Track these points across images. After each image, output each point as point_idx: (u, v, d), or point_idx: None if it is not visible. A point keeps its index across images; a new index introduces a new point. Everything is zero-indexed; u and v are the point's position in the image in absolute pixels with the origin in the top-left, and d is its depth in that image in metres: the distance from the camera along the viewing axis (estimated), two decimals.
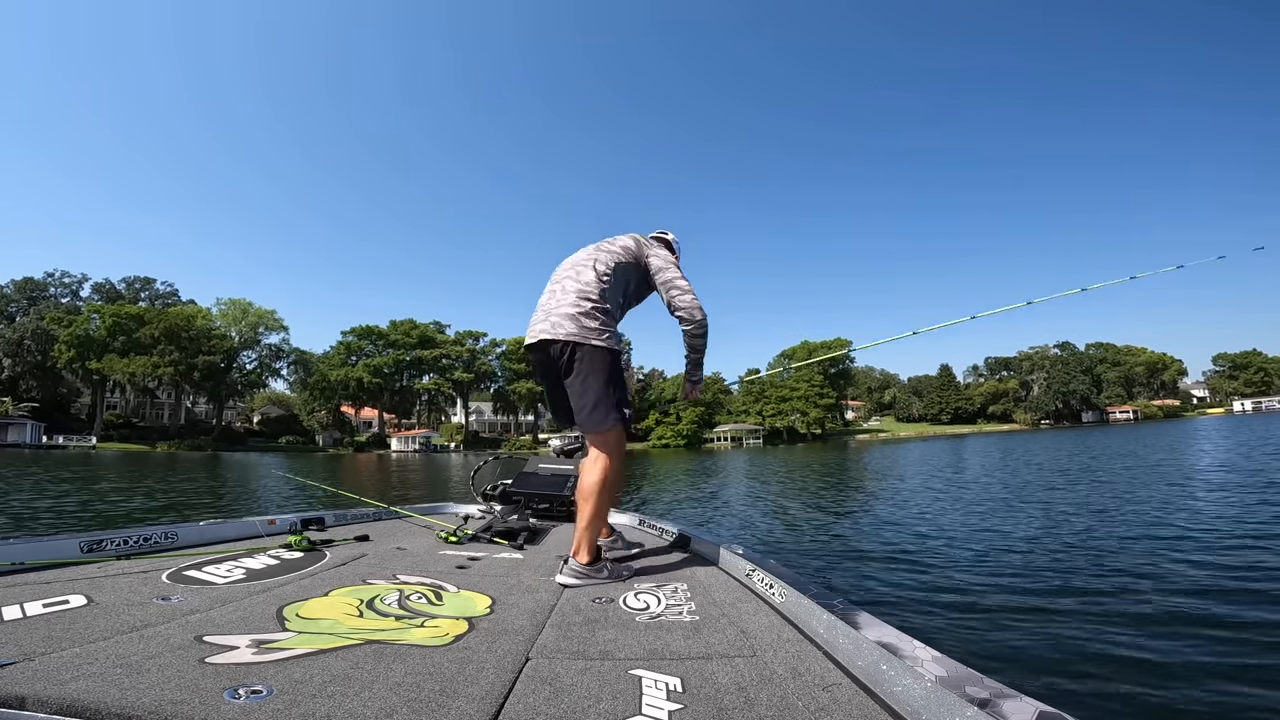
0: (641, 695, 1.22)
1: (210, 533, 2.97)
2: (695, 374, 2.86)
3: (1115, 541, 6.64)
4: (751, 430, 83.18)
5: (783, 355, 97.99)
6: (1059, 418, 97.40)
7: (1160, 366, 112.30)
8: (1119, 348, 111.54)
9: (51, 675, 1.18)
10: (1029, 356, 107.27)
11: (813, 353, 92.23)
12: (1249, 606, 4.14)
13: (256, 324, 74.13)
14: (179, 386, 71.63)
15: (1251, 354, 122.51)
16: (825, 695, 1.24)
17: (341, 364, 76.97)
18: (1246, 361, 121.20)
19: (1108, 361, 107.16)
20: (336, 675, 1.24)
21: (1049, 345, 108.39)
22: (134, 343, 65.76)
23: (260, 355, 76.49)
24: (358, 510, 3.90)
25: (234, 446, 65.27)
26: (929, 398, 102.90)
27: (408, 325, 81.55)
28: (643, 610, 1.89)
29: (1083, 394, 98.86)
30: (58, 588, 1.90)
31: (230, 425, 77.92)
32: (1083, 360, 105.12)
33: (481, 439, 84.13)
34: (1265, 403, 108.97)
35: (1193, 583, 4.77)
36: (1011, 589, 4.81)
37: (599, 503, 2.39)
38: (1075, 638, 3.70)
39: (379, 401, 79.62)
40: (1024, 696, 1.02)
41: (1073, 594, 4.61)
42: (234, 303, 73.97)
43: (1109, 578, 5.02)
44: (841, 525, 8.36)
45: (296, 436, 75.27)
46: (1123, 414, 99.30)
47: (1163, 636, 3.68)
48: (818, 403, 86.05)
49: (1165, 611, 4.11)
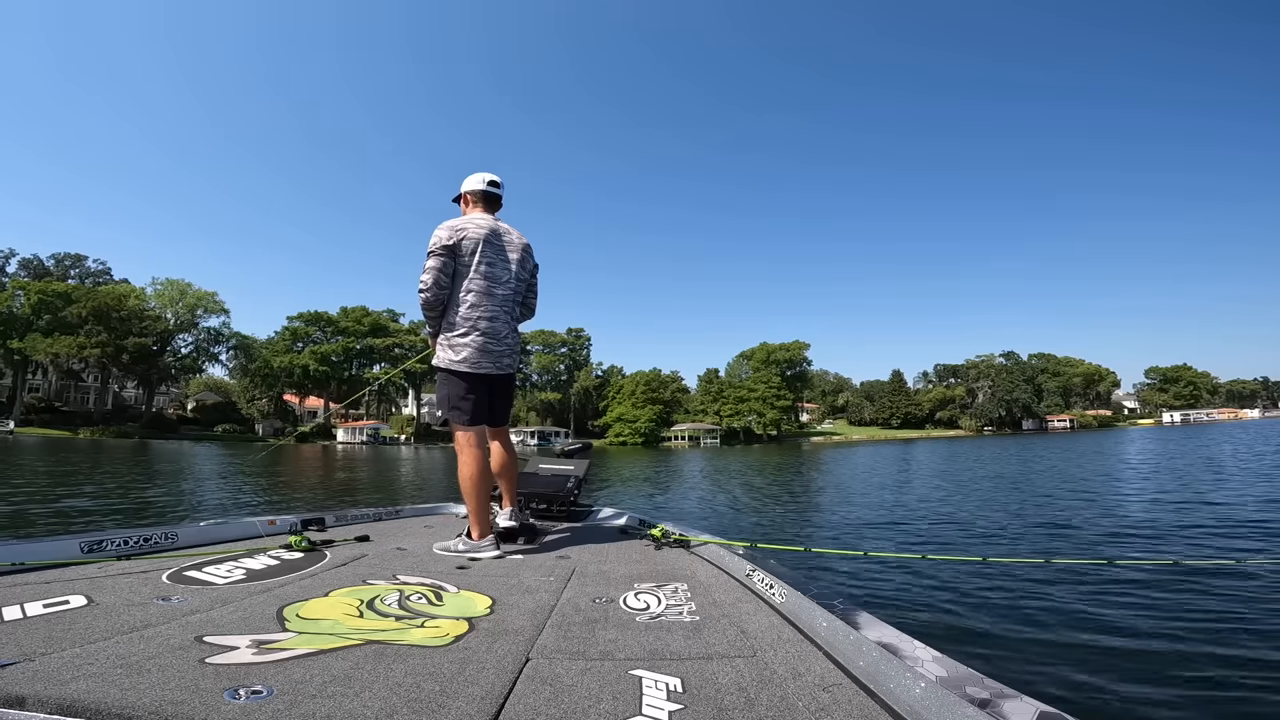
0: (642, 695, 1.21)
1: (210, 533, 2.96)
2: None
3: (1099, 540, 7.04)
4: (709, 430, 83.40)
5: (742, 356, 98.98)
6: (1001, 425, 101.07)
7: (1097, 378, 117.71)
8: (1059, 358, 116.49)
9: (51, 675, 1.18)
10: (975, 365, 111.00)
11: (771, 354, 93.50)
12: (1248, 606, 4.21)
13: (195, 306, 70.61)
14: (106, 369, 67.71)
15: (1182, 368, 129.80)
16: (825, 695, 1.24)
17: (286, 350, 74.14)
18: (1177, 375, 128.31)
19: (1048, 372, 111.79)
20: (337, 675, 1.25)
21: (995, 354, 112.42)
22: (60, 322, 62.18)
23: (198, 339, 73.00)
24: (358, 510, 3.89)
25: (165, 434, 62.10)
26: (880, 402, 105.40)
27: (359, 312, 79.07)
28: (643, 610, 1.88)
29: (1024, 403, 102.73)
30: (58, 588, 1.90)
31: (161, 412, 74.16)
32: (1025, 370, 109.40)
33: (434, 432, 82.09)
34: (1193, 415, 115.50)
35: (1192, 583, 4.81)
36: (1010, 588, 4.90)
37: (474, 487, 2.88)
38: (1075, 637, 3.71)
39: (325, 391, 76.84)
40: (1024, 696, 1.02)
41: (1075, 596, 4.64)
42: (171, 283, 70.28)
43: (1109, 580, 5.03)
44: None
45: (234, 425, 71.91)
46: (1060, 423, 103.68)
47: (1163, 636, 3.71)
48: (775, 404, 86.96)
49: (1165, 611, 4.16)
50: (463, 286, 2.89)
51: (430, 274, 2.85)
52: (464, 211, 3.13)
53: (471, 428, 2.92)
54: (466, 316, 2.90)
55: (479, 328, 2.91)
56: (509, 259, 3.02)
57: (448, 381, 2.93)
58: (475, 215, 3.04)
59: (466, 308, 2.89)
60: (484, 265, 2.91)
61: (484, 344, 2.91)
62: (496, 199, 3.14)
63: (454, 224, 2.93)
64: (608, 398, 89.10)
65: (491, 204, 3.13)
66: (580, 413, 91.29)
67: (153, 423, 65.66)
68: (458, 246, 2.88)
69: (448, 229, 2.89)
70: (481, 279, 2.91)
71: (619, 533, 3.43)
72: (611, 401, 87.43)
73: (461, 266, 2.89)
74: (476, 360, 2.90)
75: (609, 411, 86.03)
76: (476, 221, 2.97)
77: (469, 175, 3.15)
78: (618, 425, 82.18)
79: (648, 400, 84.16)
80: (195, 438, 61.85)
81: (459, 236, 2.88)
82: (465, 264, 2.89)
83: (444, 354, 2.92)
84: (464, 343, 2.89)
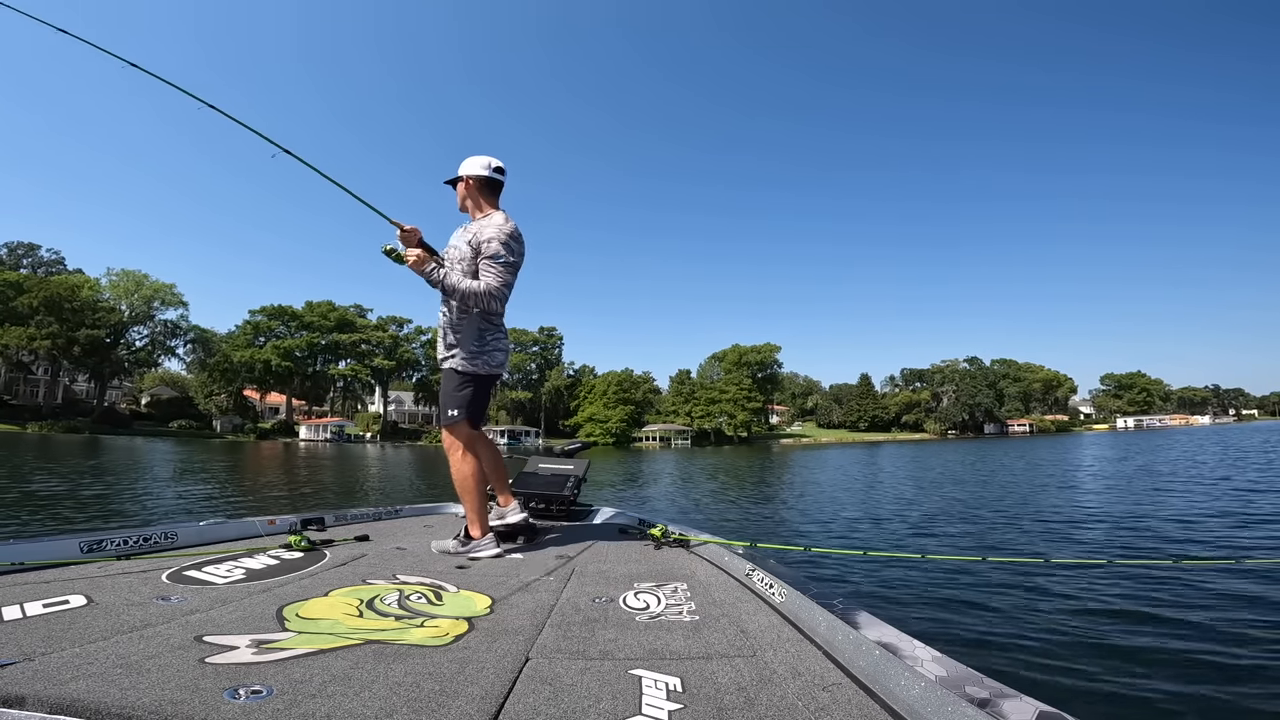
0: (641, 695, 1.22)
1: (210, 533, 2.96)
2: (433, 276, 2.81)
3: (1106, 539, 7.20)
4: (680, 431, 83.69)
5: (714, 358, 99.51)
6: (964, 429, 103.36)
7: (1055, 384, 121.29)
8: (1020, 364, 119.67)
9: (51, 675, 1.19)
10: (941, 369, 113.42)
11: (743, 356, 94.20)
12: (1248, 606, 4.25)
13: (151, 298, 68.41)
14: (56, 362, 65.26)
15: (1136, 375, 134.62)
16: (825, 695, 1.24)
17: (248, 345, 72.16)
18: (1131, 382, 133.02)
19: (1010, 377, 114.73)
20: (336, 675, 1.25)
21: (959, 359, 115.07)
22: (9, 312, 59.68)
23: (154, 332, 70.69)
24: (358, 510, 3.90)
25: (117, 429, 59.99)
26: (849, 405, 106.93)
27: (325, 307, 77.36)
28: (643, 610, 1.89)
29: (987, 407, 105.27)
30: (58, 588, 1.91)
31: (114, 407, 71.61)
32: (988, 375, 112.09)
33: (401, 430, 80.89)
34: (1146, 420, 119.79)
35: (1190, 584, 4.82)
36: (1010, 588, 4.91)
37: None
38: (1075, 637, 3.73)
39: (288, 387, 75.08)
40: (1024, 696, 1.03)
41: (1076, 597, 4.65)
42: (127, 274, 67.98)
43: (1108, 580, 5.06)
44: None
45: (190, 421, 69.71)
46: (1020, 427, 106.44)
47: (1162, 636, 3.72)
48: (745, 406, 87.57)
49: (1165, 611, 4.17)
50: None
51: (508, 287, 2.86)
52: (463, 197, 3.01)
53: (476, 429, 3.00)
54: (498, 324, 2.95)
55: (504, 332, 2.99)
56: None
57: (470, 384, 2.92)
58: (501, 216, 2.92)
59: (499, 315, 2.95)
60: (514, 275, 2.92)
61: (508, 348, 3.03)
62: (501, 186, 3.03)
63: (518, 234, 2.88)
64: (579, 397, 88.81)
65: (496, 191, 3.02)
66: (551, 412, 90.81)
67: (104, 418, 63.27)
68: (519, 262, 2.91)
69: (520, 242, 2.88)
70: (509, 288, 2.93)
71: (619, 532, 3.45)
72: (583, 401, 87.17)
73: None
74: (505, 364, 3.00)
75: (580, 411, 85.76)
76: (517, 228, 2.91)
77: (468, 158, 2.99)
78: (589, 425, 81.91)
79: (619, 400, 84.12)
80: (149, 434, 60.03)
81: (522, 252, 2.91)
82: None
83: (479, 359, 2.89)
84: (498, 348, 2.94)
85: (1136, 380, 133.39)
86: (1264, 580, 4.80)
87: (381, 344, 78.51)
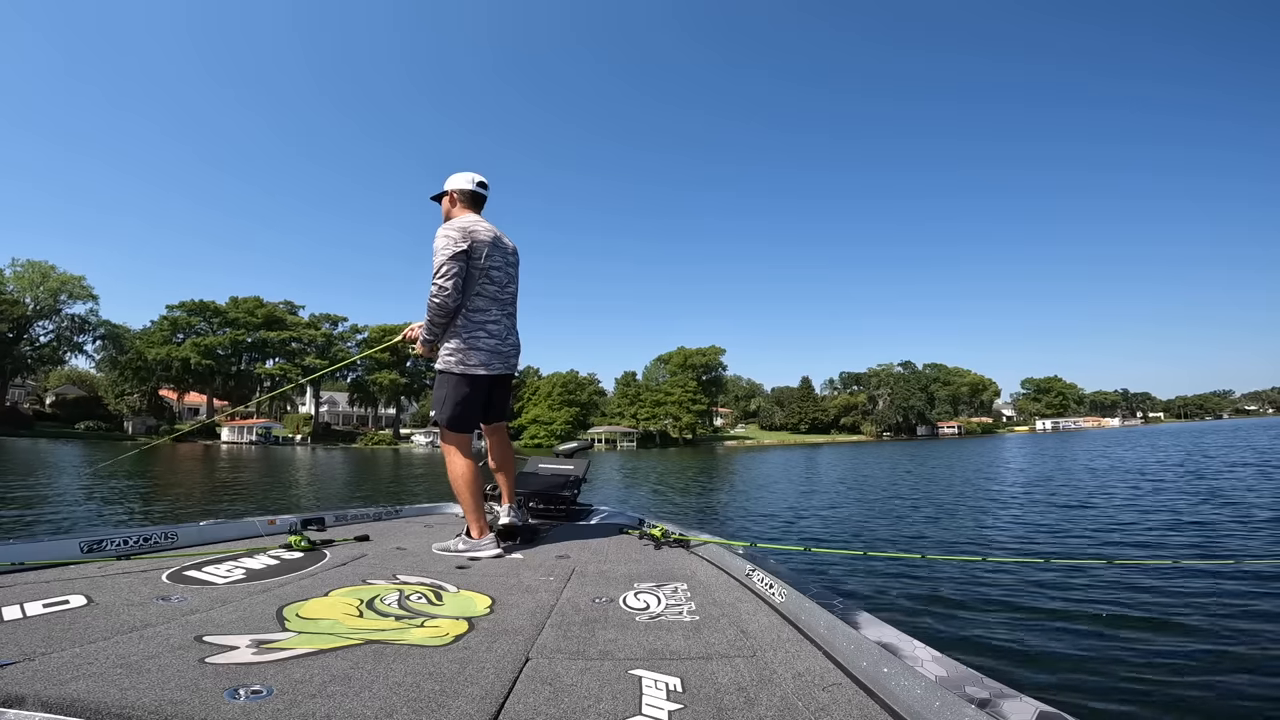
0: (641, 695, 1.22)
1: (210, 533, 2.96)
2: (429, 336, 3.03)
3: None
4: (626, 433, 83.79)
5: (659, 360, 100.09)
6: (898, 430, 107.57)
7: (981, 387, 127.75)
8: (949, 368, 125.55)
9: (51, 675, 1.19)
10: (877, 373, 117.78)
11: (688, 359, 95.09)
12: (1247, 605, 4.24)
13: (58, 290, 63.60)
14: None
15: (1053, 379, 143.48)
16: (825, 695, 1.24)
17: (164, 341, 68.15)
18: (1049, 386, 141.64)
19: (940, 380, 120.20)
20: (336, 675, 1.25)
21: (894, 363, 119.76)
22: None
23: (59, 326, 65.66)
24: (357, 510, 3.91)
25: (18, 431, 55.70)
26: (790, 408, 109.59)
27: (252, 303, 73.82)
28: (643, 610, 1.89)
29: (919, 410, 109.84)
30: (58, 588, 1.91)
31: (16, 406, 66.34)
32: (920, 379, 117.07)
33: (334, 431, 78.00)
34: (1062, 423, 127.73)
35: (1191, 582, 4.85)
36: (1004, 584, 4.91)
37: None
38: (1075, 637, 3.73)
39: (209, 386, 71.18)
40: (1024, 696, 1.02)
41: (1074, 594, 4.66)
42: (32, 265, 63.07)
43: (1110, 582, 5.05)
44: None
45: (99, 422, 65.61)
46: (949, 429, 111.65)
47: (1162, 636, 3.73)
48: (690, 408, 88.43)
49: (1164, 611, 4.19)
50: (472, 290, 2.91)
51: (452, 279, 2.82)
52: (447, 210, 3.10)
53: (467, 432, 3.00)
54: (477, 320, 2.93)
55: (489, 330, 2.96)
56: (510, 262, 3.07)
57: (452, 385, 2.93)
58: (472, 218, 3.00)
59: (475, 311, 2.93)
60: (492, 269, 2.94)
61: (495, 346, 2.97)
62: (484, 200, 3.14)
63: (462, 226, 2.89)
64: (523, 399, 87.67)
65: (479, 205, 3.12)
66: None
67: (4, 418, 58.51)
68: (471, 250, 2.87)
69: (459, 231, 2.86)
70: (491, 283, 2.95)
71: (619, 532, 3.46)
72: (527, 403, 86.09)
73: (473, 269, 2.90)
74: (489, 362, 2.95)
75: (524, 413, 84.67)
76: (481, 225, 2.96)
77: (453, 174, 3.11)
78: (533, 427, 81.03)
79: (564, 402, 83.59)
80: (53, 435, 56.01)
81: (471, 239, 2.87)
82: (477, 268, 2.90)
83: (453, 358, 2.92)
84: (477, 347, 2.92)
85: (1054, 384, 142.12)
86: (1263, 581, 4.86)
87: (314, 342, 75.40)
